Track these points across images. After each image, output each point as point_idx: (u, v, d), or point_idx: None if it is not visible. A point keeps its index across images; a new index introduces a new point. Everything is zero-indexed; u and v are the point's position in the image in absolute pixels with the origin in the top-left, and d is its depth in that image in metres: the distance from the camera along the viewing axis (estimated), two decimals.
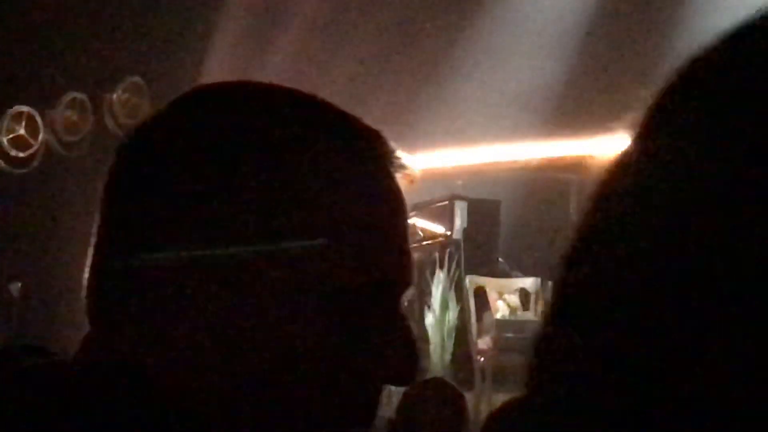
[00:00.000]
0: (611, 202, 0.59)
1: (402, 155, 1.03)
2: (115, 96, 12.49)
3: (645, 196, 0.56)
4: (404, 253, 1.00)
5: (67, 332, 11.65)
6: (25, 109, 12.25)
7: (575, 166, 9.14)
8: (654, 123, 0.59)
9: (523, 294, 9.05)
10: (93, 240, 1.04)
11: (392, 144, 1.05)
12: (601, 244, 0.59)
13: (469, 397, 4.26)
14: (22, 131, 12.22)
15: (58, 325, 11.51)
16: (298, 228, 0.93)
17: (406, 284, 1.00)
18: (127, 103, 12.56)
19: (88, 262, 1.07)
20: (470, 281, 9.09)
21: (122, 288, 1.00)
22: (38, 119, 12.31)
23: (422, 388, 3.48)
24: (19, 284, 10.49)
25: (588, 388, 0.56)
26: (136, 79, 12.53)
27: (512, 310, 9.00)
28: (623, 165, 0.59)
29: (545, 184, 9.95)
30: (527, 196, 10.12)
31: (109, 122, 12.50)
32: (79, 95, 12.44)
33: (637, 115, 0.61)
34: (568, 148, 9.72)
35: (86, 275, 1.05)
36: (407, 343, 0.98)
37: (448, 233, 9.65)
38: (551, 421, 0.57)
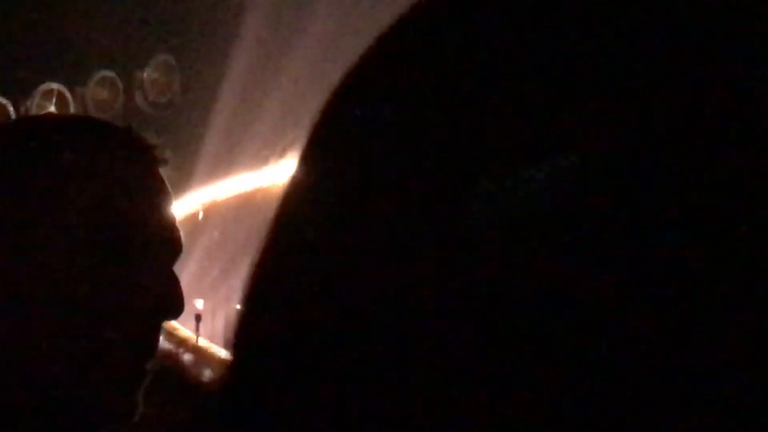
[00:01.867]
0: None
1: (157, 148, 1.34)
2: (145, 74, 12.53)
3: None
4: (166, 223, 1.32)
5: None
6: (55, 86, 12.30)
7: None
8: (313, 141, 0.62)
9: None
10: None
11: (149, 141, 1.34)
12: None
13: None
14: (52, 108, 12.25)
15: None
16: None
17: (174, 251, 1.31)
18: (158, 81, 12.59)
19: None
20: None
21: None
22: (69, 97, 12.35)
23: None
24: None
25: None
26: (167, 57, 12.56)
27: None
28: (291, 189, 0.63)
29: None
30: None
31: (140, 100, 12.54)
32: (109, 73, 12.47)
33: None
34: None
35: None
36: (173, 286, 1.26)
37: None
38: None
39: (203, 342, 9.99)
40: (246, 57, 11.90)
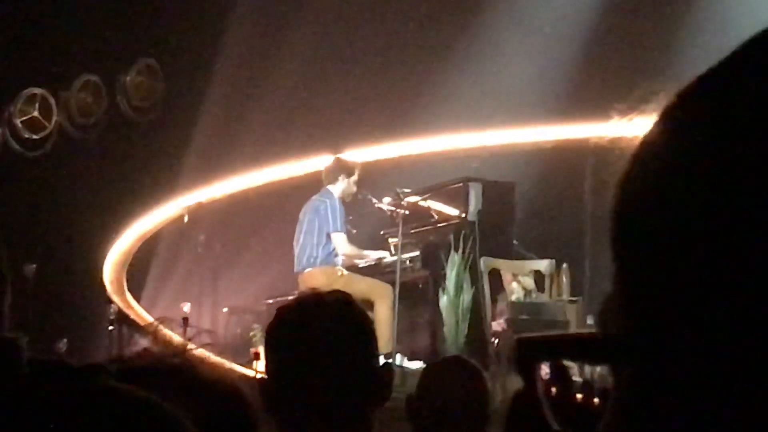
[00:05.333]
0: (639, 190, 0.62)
1: None
2: (128, 78, 12.49)
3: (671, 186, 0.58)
4: None
5: (80, 313, 11.68)
6: (38, 91, 12.26)
7: (590, 148, 9.13)
8: (686, 115, 0.61)
9: (538, 276, 9.04)
10: None
11: None
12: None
13: None
14: (35, 113, 12.23)
15: (70, 305, 11.54)
16: None
17: None
18: (141, 85, 12.56)
19: None
20: (485, 263, 9.07)
21: None
22: (52, 101, 12.32)
23: (442, 366, 3.48)
24: (34, 266, 10.50)
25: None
26: (150, 61, 12.52)
27: (527, 292, 8.97)
28: (651, 151, 0.62)
29: (560, 166, 9.92)
30: (542, 178, 10.11)
31: (123, 104, 12.50)
32: (92, 77, 12.44)
33: (659, 102, 0.64)
34: (583, 131, 9.70)
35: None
36: None
37: (463, 215, 9.62)
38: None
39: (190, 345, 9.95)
40: (232, 59, 11.87)
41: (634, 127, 0.66)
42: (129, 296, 12.06)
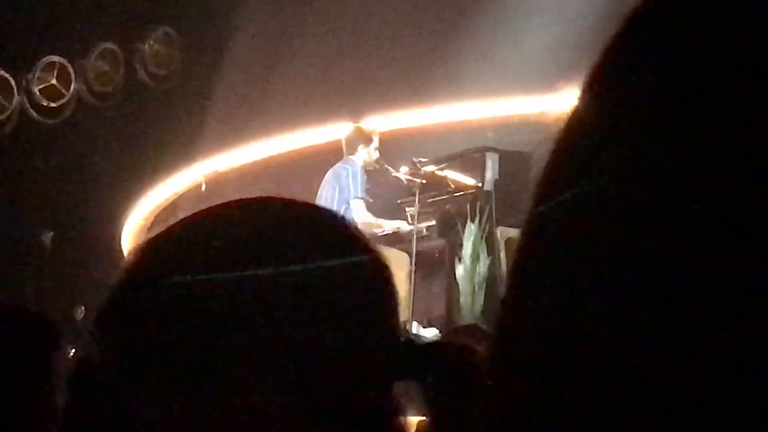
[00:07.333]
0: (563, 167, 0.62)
1: None
2: (146, 46, 12.49)
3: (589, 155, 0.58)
4: None
5: (97, 280, 11.73)
6: (56, 59, 12.27)
7: None
8: (599, 79, 0.61)
9: None
10: None
11: None
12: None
13: None
14: (53, 81, 12.24)
15: (88, 272, 11.58)
16: None
17: None
18: (159, 53, 12.56)
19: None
20: (501, 233, 9.08)
21: None
22: (70, 69, 12.32)
23: (459, 334, 3.50)
24: (51, 233, 10.55)
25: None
26: (168, 29, 12.52)
27: None
28: (573, 122, 0.62)
29: None
30: None
31: (141, 73, 12.51)
32: (110, 45, 12.44)
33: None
34: None
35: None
36: None
37: (480, 185, 9.62)
38: None
39: None
40: (251, 28, 11.86)
41: None
42: None
